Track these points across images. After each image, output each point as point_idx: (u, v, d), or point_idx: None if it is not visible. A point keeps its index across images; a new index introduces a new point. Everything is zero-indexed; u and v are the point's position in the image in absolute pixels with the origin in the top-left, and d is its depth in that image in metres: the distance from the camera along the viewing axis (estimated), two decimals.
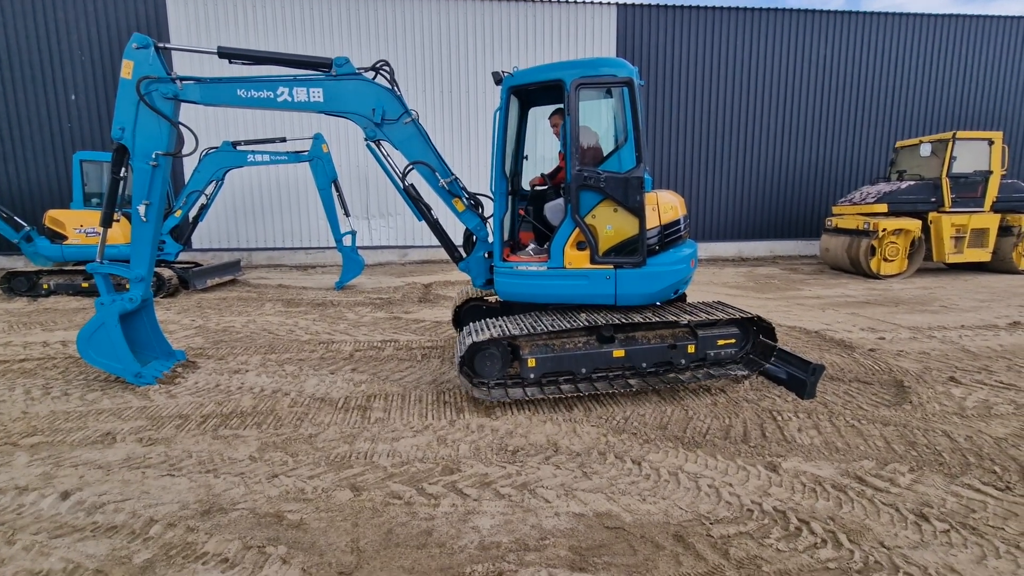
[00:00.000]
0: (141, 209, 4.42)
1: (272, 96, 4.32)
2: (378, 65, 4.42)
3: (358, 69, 4.35)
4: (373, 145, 4.53)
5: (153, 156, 4.34)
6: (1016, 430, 3.64)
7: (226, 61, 4.32)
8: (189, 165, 12.25)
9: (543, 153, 5.67)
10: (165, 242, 9.69)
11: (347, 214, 9.89)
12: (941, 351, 5.50)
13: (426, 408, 4.13)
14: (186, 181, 9.78)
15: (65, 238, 9.09)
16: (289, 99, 4.31)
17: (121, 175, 4.41)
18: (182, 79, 4.29)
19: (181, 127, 4.40)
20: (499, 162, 4.34)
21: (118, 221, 4.63)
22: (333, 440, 3.58)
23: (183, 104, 4.44)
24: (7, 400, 4.28)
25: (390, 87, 4.40)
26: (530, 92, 4.53)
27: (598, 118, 4.62)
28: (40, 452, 3.39)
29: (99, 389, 4.50)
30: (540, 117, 5.29)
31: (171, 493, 2.91)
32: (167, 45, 4.34)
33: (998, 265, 11.01)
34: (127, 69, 4.21)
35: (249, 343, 6.02)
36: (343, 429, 3.75)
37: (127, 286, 4.64)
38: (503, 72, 4.39)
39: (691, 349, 4.20)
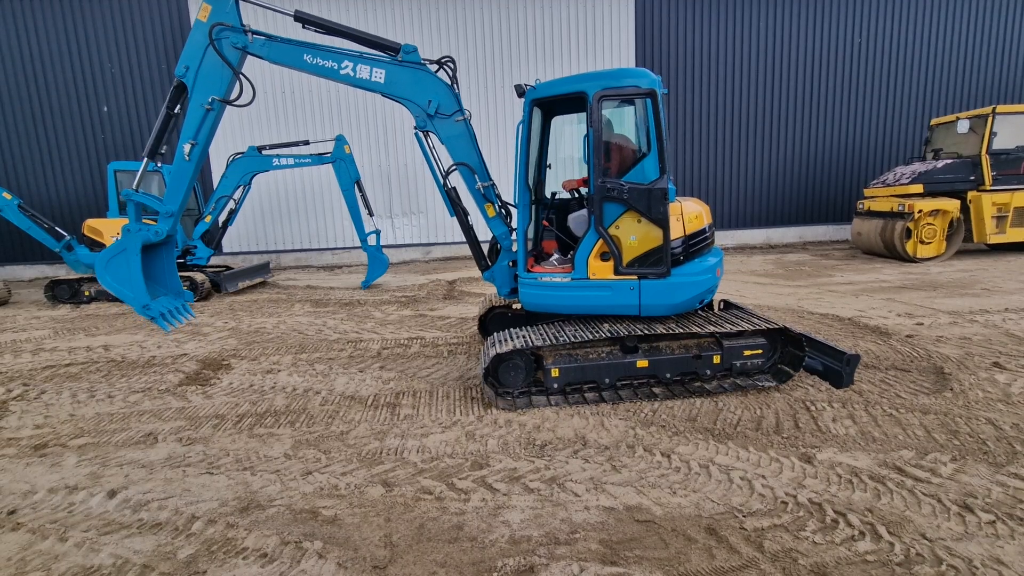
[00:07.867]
0: (187, 148, 4.45)
1: (336, 67, 4.34)
2: (443, 60, 4.45)
3: (423, 60, 4.38)
4: (421, 135, 4.56)
5: (209, 100, 4.39)
6: None
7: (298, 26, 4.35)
8: (217, 171, 12.59)
9: (569, 156, 5.63)
10: (196, 247, 9.98)
11: (371, 214, 10.01)
12: (984, 336, 5.29)
13: (454, 404, 4.17)
14: (215, 186, 10.01)
15: (104, 246, 9.43)
16: (351, 74, 4.34)
17: (174, 111, 4.46)
18: (254, 32, 4.34)
19: (242, 78, 4.41)
20: (522, 174, 4.34)
21: (162, 154, 4.73)
22: (364, 437, 3.65)
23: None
24: (55, 403, 4.48)
25: (450, 84, 4.42)
26: (553, 103, 4.51)
27: (630, 124, 4.55)
28: (87, 453, 3.54)
29: (140, 391, 4.68)
30: (563, 125, 5.26)
31: (211, 491, 3.01)
32: None
33: None
34: (204, 12, 4.28)
35: (280, 343, 6.16)
36: (373, 426, 3.82)
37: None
38: (525, 85, 4.37)
39: (716, 360, 4.13)
